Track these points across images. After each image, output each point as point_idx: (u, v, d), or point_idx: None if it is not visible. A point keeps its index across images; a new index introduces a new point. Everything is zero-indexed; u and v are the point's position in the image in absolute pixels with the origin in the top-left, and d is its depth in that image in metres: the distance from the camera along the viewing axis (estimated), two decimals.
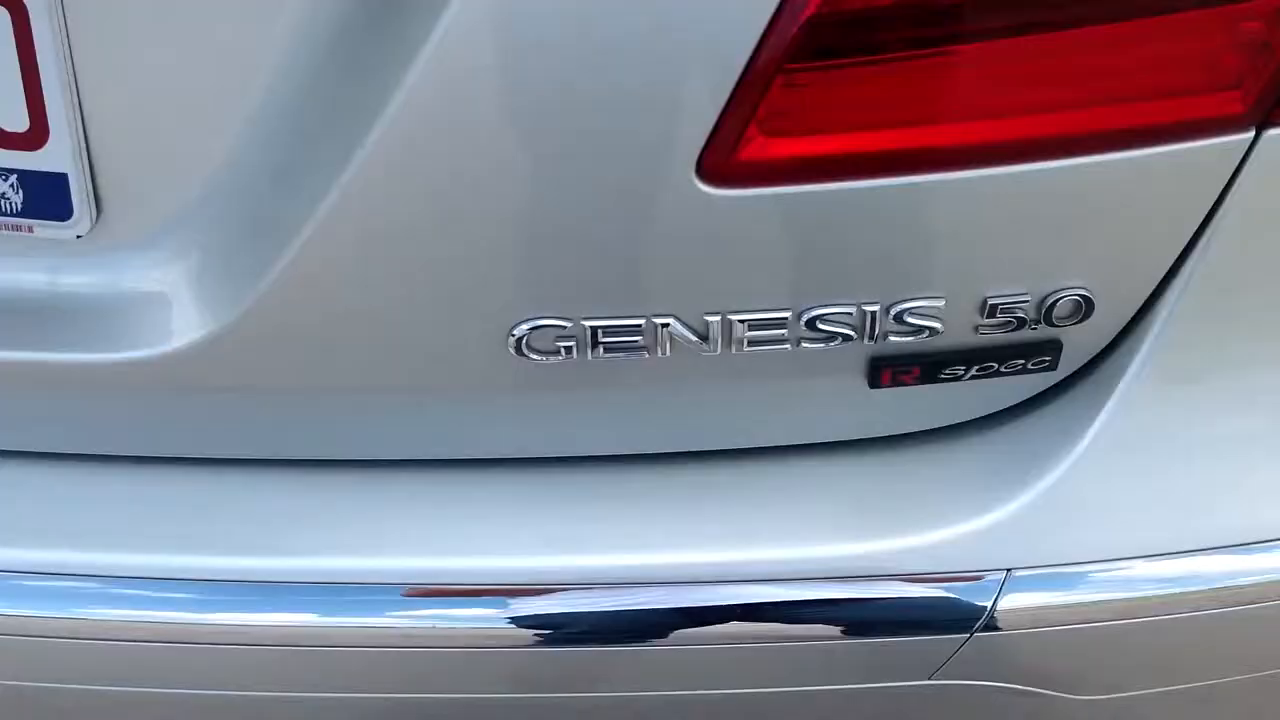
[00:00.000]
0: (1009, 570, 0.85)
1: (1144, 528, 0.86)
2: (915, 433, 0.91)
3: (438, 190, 0.74)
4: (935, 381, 0.84)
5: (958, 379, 0.84)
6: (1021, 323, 0.81)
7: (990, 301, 0.80)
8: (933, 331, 0.81)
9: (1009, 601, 0.85)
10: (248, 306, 0.78)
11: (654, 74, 0.69)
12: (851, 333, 0.80)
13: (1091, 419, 0.85)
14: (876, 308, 0.79)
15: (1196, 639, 0.91)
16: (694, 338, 0.80)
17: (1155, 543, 0.86)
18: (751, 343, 0.80)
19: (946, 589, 0.85)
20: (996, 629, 0.86)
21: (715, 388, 0.85)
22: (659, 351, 0.81)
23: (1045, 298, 0.80)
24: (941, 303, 0.79)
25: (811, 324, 0.80)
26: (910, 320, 0.80)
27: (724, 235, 0.75)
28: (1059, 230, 0.78)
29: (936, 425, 0.90)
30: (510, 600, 0.89)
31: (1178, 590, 0.86)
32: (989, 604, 0.85)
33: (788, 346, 0.81)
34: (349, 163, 0.72)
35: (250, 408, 0.87)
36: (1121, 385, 0.85)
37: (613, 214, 0.75)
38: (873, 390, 0.84)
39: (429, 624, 0.89)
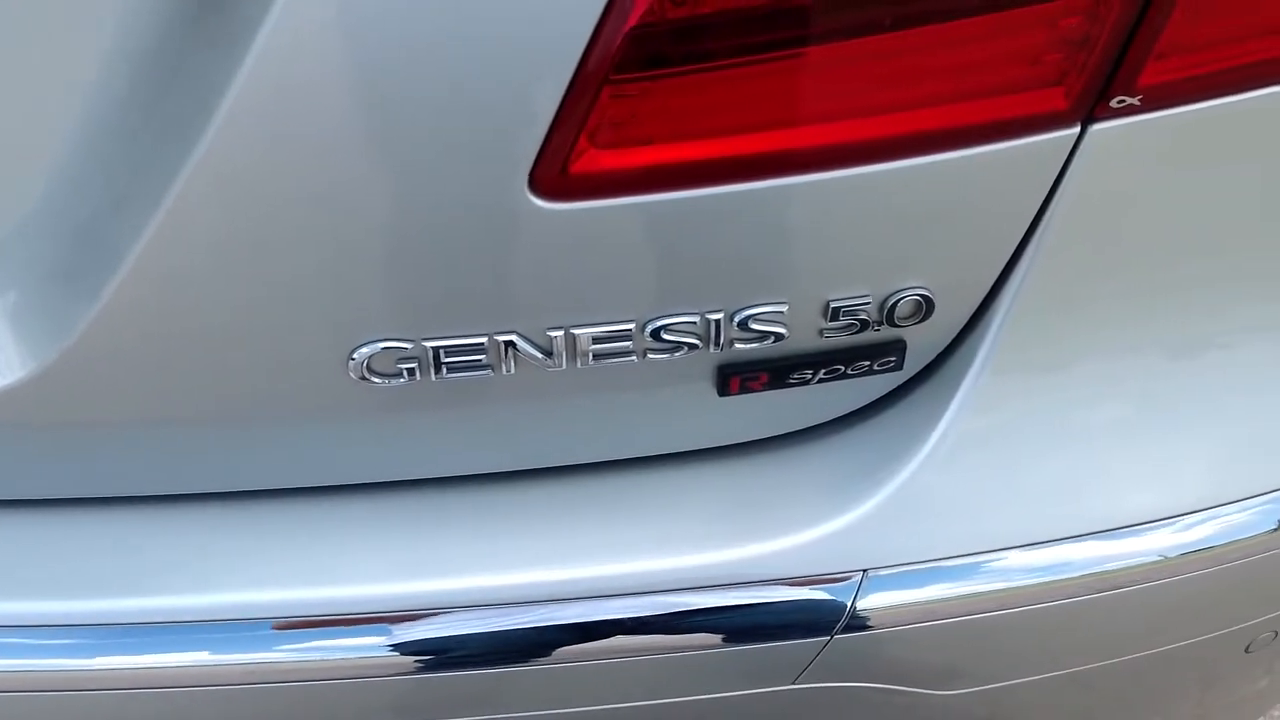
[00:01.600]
0: (865, 571, 0.86)
1: (998, 521, 0.87)
2: (769, 438, 0.91)
3: (266, 208, 0.72)
4: (784, 386, 0.84)
5: (806, 383, 0.84)
6: (865, 324, 0.81)
7: (833, 304, 0.80)
8: (778, 337, 0.81)
9: (868, 601, 0.86)
10: (72, 342, 0.75)
11: (484, 86, 0.68)
12: (697, 341, 0.80)
13: (939, 416, 0.86)
14: (720, 315, 0.79)
15: (1056, 628, 0.92)
16: (538, 354, 0.79)
17: (1009, 535, 0.87)
18: (597, 356, 0.80)
19: (804, 592, 0.85)
20: (857, 629, 0.86)
21: (565, 403, 0.84)
22: (504, 369, 0.80)
23: (886, 299, 0.80)
24: (784, 308, 0.79)
25: (656, 334, 0.79)
26: (755, 326, 0.80)
27: (560, 249, 0.75)
28: (895, 231, 0.78)
29: (788, 429, 0.90)
30: (374, 628, 0.87)
31: (1031, 581, 0.87)
32: (847, 605, 0.85)
33: (634, 358, 0.80)
34: (171, 186, 0.70)
35: (88, 445, 0.84)
36: (966, 381, 0.85)
37: (447, 230, 0.74)
38: (722, 398, 0.84)
39: (299, 656, 0.88)
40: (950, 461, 0.86)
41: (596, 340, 0.79)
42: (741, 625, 0.86)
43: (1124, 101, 0.75)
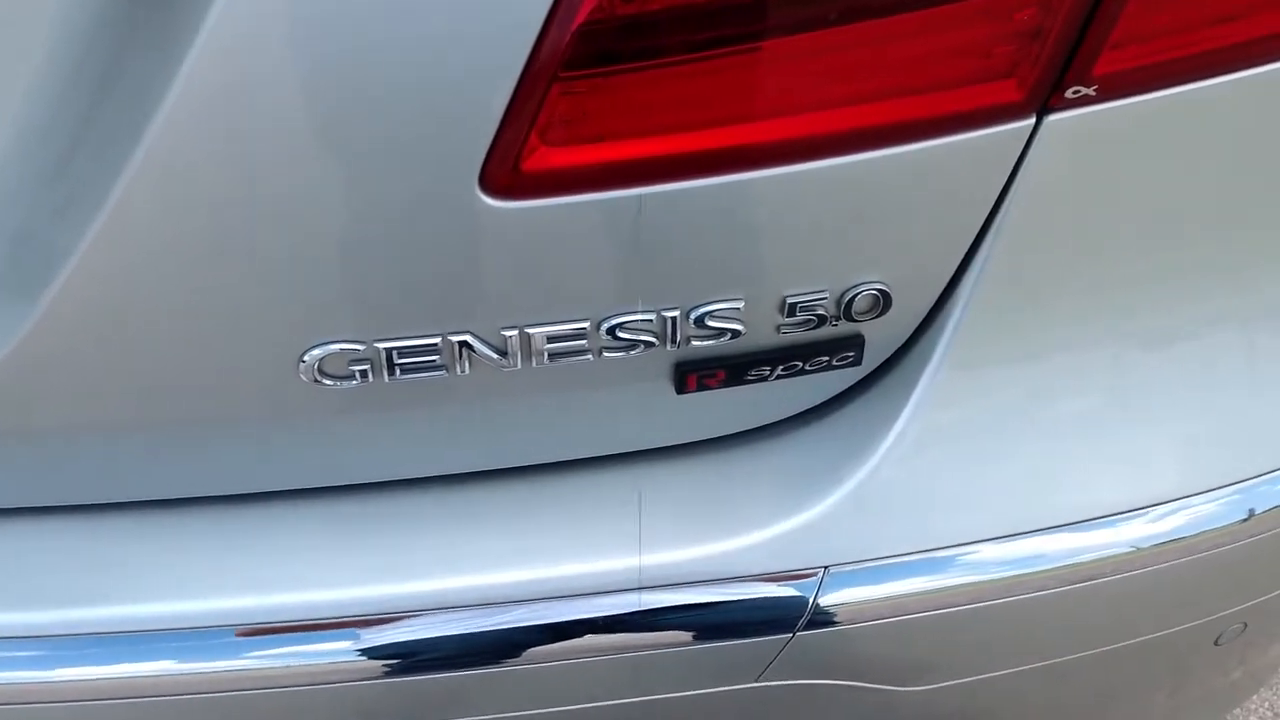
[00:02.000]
0: (827, 567, 0.85)
1: (959, 515, 0.87)
2: (728, 436, 0.90)
3: (209, 210, 0.71)
4: (742, 383, 0.83)
5: (764, 379, 0.83)
6: (822, 320, 0.81)
7: (789, 300, 0.79)
8: (734, 333, 0.80)
9: (830, 598, 0.85)
10: (10, 350, 0.74)
11: (433, 84, 0.67)
12: (653, 339, 0.79)
13: (898, 411, 0.86)
14: (676, 313, 0.79)
15: (1020, 622, 0.91)
16: (493, 354, 0.79)
17: (971, 530, 0.87)
18: (552, 355, 0.79)
19: (765, 589, 0.85)
20: (820, 626, 0.86)
21: (522, 403, 0.84)
22: (458, 370, 0.79)
23: (843, 294, 0.80)
24: (741, 304, 0.79)
25: (612, 333, 0.79)
26: (711, 324, 0.79)
27: (513, 248, 0.74)
28: (851, 226, 0.78)
29: (747, 427, 0.90)
30: (340, 633, 0.87)
31: (994, 575, 0.87)
32: (809, 602, 0.85)
33: (589, 357, 0.80)
34: (112, 191, 0.69)
35: (38, 454, 0.83)
36: (924, 376, 0.85)
37: (398, 230, 0.73)
38: (680, 395, 0.84)
39: (264, 663, 0.87)
40: (911, 456, 0.86)
41: (551, 339, 0.79)
42: (704, 623, 0.85)
43: (1079, 92, 0.75)
